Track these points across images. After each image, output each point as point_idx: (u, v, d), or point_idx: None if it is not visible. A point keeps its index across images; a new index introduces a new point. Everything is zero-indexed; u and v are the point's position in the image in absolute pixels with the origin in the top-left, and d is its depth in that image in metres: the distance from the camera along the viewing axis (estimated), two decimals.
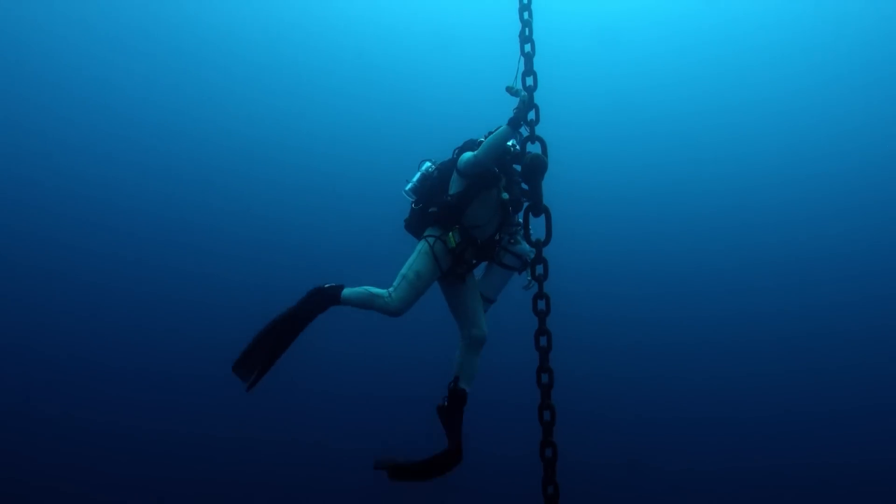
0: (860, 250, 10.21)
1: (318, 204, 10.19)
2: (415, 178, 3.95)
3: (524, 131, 3.48)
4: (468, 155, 3.74)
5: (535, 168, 3.35)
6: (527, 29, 3.38)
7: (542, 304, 3.17)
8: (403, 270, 3.73)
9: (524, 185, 3.69)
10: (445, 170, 3.91)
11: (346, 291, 3.76)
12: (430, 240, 3.75)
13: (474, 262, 3.88)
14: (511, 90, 3.56)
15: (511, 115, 3.55)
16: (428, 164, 3.98)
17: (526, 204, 3.43)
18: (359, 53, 10.71)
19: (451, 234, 3.73)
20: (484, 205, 3.79)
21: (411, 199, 3.96)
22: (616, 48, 10.62)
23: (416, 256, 3.74)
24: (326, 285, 3.81)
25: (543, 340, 3.12)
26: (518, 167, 3.72)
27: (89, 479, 8.63)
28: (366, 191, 9.45)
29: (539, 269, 3.23)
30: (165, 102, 10.50)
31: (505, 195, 3.78)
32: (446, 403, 3.70)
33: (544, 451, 2.97)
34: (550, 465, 2.98)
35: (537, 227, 3.39)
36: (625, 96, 10.61)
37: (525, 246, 3.84)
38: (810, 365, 9.65)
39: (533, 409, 3.04)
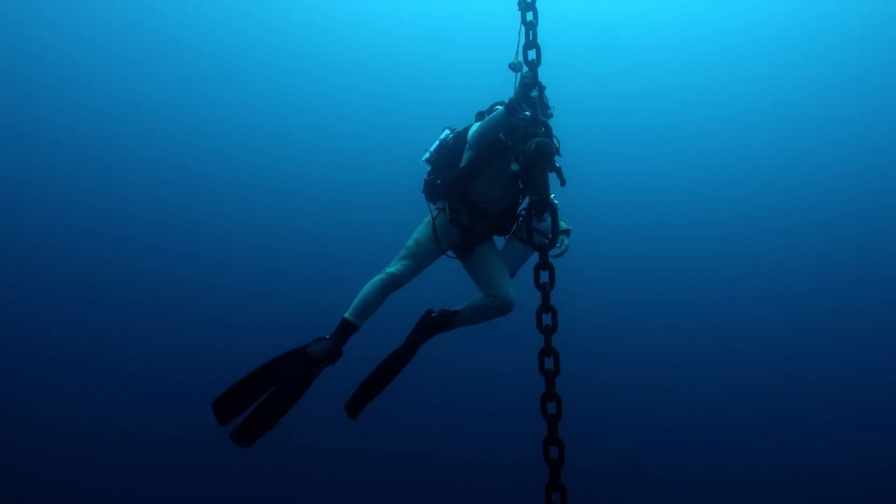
0: (868, 255, 9.83)
1: (317, 206, 10.06)
2: (432, 147, 3.82)
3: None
4: (475, 126, 3.58)
5: (539, 157, 2.85)
6: None
7: (547, 319, 2.63)
8: (407, 241, 3.69)
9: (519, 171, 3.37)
10: (461, 139, 3.76)
11: (351, 314, 3.51)
12: (434, 212, 3.70)
13: (485, 235, 3.74)
14: (514, 66, 3.12)
15: (515, 96, 3.16)
16: (447, 131, 3.85)
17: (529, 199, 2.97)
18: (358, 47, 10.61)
19: (445, 205, 3.66)
20: (495, 176, 3.60)
21: (427, 170, 3.86)
22: (617, 49, 10.38)
23: (419, 227, 3.71)
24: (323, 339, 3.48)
25: (549, 362, 2.56)
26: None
27: (92, 482, 8.43)
28: (363, 193, 9.43)
29: (544, 276, 2.70)
30: (165, 105, 10.47)
31: (515, 166, 3.42)
32: (435, 318, 3.66)
33: (551, 495, 2.47)
34: None
35: None
36: (626, 97, 10.34)
37: (548, 224, 3.41)
38: (815, 373, 9.33)
39: (534, 411, 2.61)
